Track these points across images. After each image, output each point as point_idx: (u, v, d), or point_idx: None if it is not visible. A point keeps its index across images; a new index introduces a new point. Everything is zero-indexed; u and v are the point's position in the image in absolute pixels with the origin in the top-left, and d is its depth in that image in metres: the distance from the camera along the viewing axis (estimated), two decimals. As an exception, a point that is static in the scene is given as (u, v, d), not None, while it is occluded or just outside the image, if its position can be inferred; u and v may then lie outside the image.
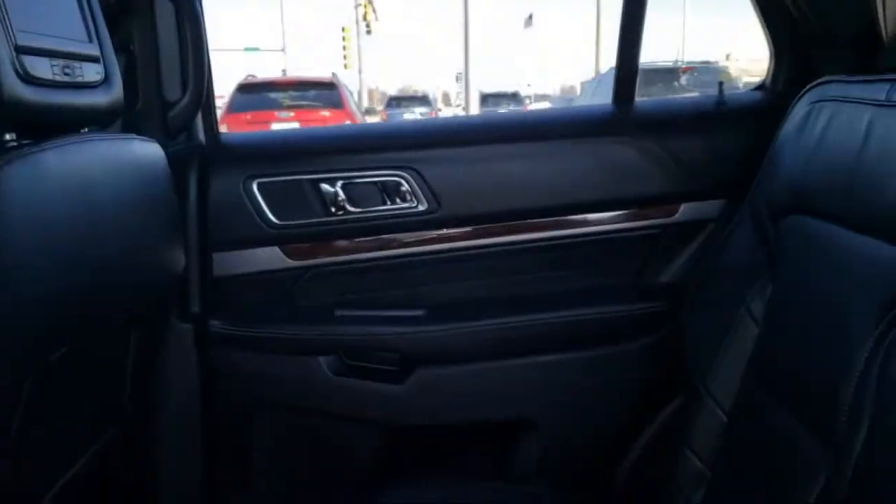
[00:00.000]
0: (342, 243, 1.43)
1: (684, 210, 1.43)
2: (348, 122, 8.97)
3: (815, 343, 0.96)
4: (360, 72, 23.00)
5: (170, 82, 1.31)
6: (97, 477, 1.14)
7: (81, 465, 1.07)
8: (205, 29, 1.29)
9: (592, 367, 1.42)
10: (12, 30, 0.81)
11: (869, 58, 1.16)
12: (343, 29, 21.45)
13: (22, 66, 0.81)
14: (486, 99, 18.18)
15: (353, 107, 10.07)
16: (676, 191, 1.42)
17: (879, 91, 0.98)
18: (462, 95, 22.20)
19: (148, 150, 1.11)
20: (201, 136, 1.41)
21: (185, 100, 1.30)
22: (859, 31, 1.13)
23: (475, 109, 18.28)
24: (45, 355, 0.87)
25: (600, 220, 1.45)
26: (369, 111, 15.51)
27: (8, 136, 0.85)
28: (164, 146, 1.17)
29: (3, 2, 0.81)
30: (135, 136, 1.09)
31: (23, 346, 0.82)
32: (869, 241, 0.90)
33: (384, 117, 17.08)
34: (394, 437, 1.45)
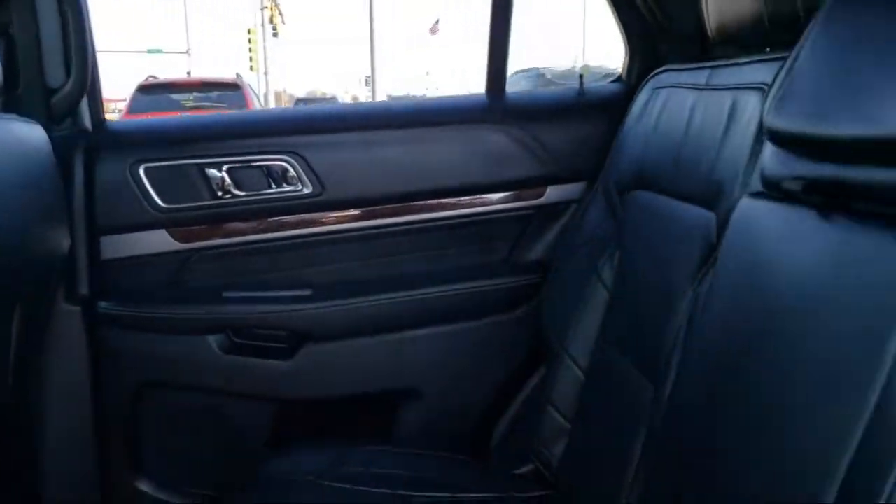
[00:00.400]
0: (230, 226, 1.48)
1: (550, 192, 1.56)
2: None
3: (649, 298, 1.10)
4: (265, 73, 22.67)
5: (54, 68, 1.33)
6: None
7: None
8: (88, 15, 1.33)
9: (470, 337, 1.52)
10: None
11: (704, 49, 1.32)
12: (248, 31, 21.11)
13: None
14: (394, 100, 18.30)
15: (259, 108, 9.97)
16: (543, 175, 1.54)
17: (701, 77, 1.13)
18: (371, 99, 22.19)
19: (29, 132, 1.14)
20: (87, 122, 1.44)
21: (69, 86, 1.32)
22: (695, 26, 1.28)
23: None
24: None
25: (475, 203, 1.55)
26: (276, 113, 15.34)
27: None
28: (48, 131, 1.20)
29: None
30: (15, 115, 1.12)
31: None
32: (691, 208, 1.04)
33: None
34: (284, 411, 1.51)
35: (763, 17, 0.91)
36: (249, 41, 20.91)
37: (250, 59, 20.62)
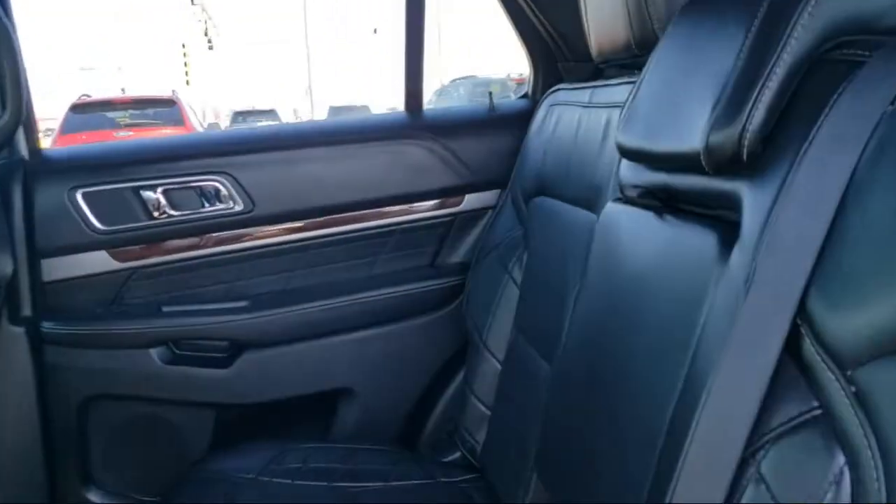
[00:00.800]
0: (167, 244, 1.57)
1: (468, 200, 1.69)
2: (191, 139, 8.85)
3: (549, 293, 1.23)
4: (202, 89, 22.40)
5: None
6: None
7: None
8: (18, 45, 1.40)
9: (400, 338, 1.64)
10: None
11: (597, 70, 1.46)
12: (183, 45, 20.88)
13: None
14: (337, 110, 18.29)
15: (196, 123, 9.92)
16: (461, 184, 1.67)
17: (585, 95, 1.27)
18: (311, 111, 22.16)
19: None
20: (23, 151, 1.51)
21: (5, 117, 1.39)
22: (585, 50, 1.43)
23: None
24: None
25: (400, 212, 1.68)
26: (213, 126, 15.31)
27: None
28: None
29: None
30: None
31: None
32: (579, 211, 1.18)
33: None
34: (226, 415, 1.60)
35: (631, 42, 1.05)
36: (184, 55, 20.69)
37: (185, 73, 20.39)
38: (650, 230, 0.80)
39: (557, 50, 1.63)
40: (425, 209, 1.69)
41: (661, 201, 0.78)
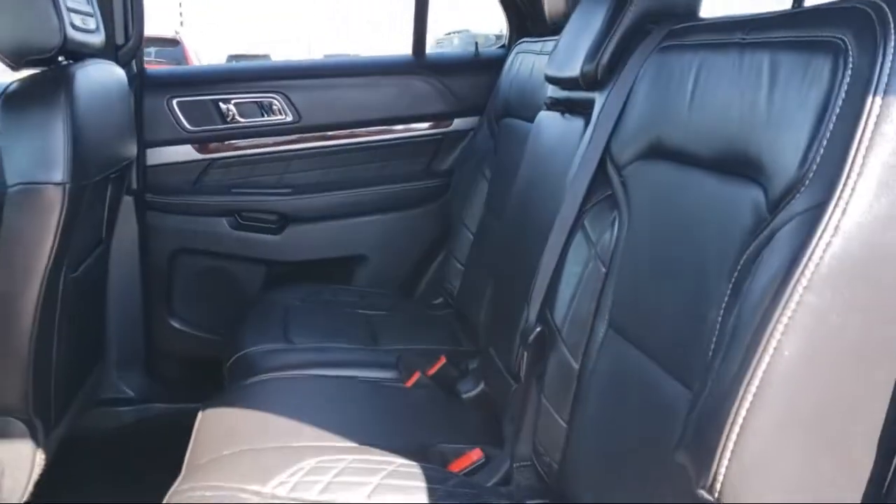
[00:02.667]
0: (236, 143, 2.15)
1: (457, 123, 2.28)
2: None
3: (506, 180, 1.83)
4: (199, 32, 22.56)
5: (119, 31, 1.96)
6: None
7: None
8: None
9: (402, 220, 2.25)
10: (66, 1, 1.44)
11: (554, 27, 2.04)
12: (178, -14, 20.95)
13: (71, 21, 1.47)
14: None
15: (196, 63, 10.32)
16: (452, 111, 2.26)
17: (538, 46, 1.86)
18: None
19: (119, 72, 1.79)
20: (135, 69, 2.08)
21: (130, 43, 1.96)
22: (543, 14, 2.01)
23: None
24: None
25: (405, 130, 2.26)
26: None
27: (61, 59, 1.51)
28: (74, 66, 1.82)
29: None
30: (111, 62, 1.77)
31: None
32: (527, 124, 1.77)
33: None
34: (274, 270, 2.21)
35: (568, 10, 1.64)
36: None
37: (180, 14, 20.53)
38: (554, 125, 1.41)
39: (527, 12, 2.22)
40: (423, 128, 2.28)
41: (563, 107, 1.39)
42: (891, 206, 0.64)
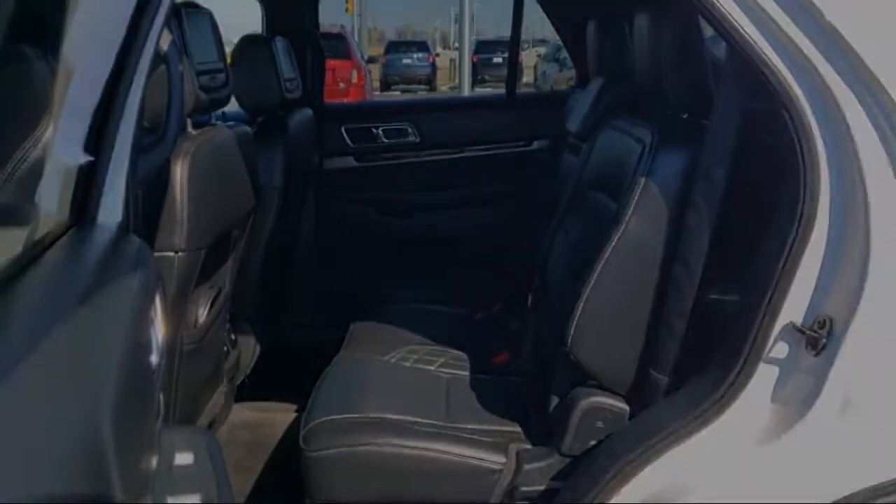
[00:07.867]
0: (382, 155, 3.16)
1: (536, 144, 3.16)
2: (355, 72, 10.67)
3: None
4: (359, 15, 24.24)
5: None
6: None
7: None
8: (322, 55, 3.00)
9: (487, 213, 3.16)
10: (194, 64, 1.65)
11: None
12: (344, -26, 22.59)
13: (201, 83, 1.67)
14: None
15: (359, 57, 11.64)
16: (532, 134, 3.15)
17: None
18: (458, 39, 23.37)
19: (309, 113, 2.84)
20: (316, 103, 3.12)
21: (298, 92, 2.99)
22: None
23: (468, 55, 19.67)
24: None
25: (498, 148, 3.18)
26: (371, 60, 17.19)
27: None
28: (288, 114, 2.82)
29: (189, 48, 1.62)
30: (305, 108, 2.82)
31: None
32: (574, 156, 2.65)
33: (384, 62, 18.87)
34: (402, 247, 3.19)
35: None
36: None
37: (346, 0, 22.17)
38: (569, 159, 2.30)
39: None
40: (510, 147, 3.18)
41: (570, 146, 2.28)
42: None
